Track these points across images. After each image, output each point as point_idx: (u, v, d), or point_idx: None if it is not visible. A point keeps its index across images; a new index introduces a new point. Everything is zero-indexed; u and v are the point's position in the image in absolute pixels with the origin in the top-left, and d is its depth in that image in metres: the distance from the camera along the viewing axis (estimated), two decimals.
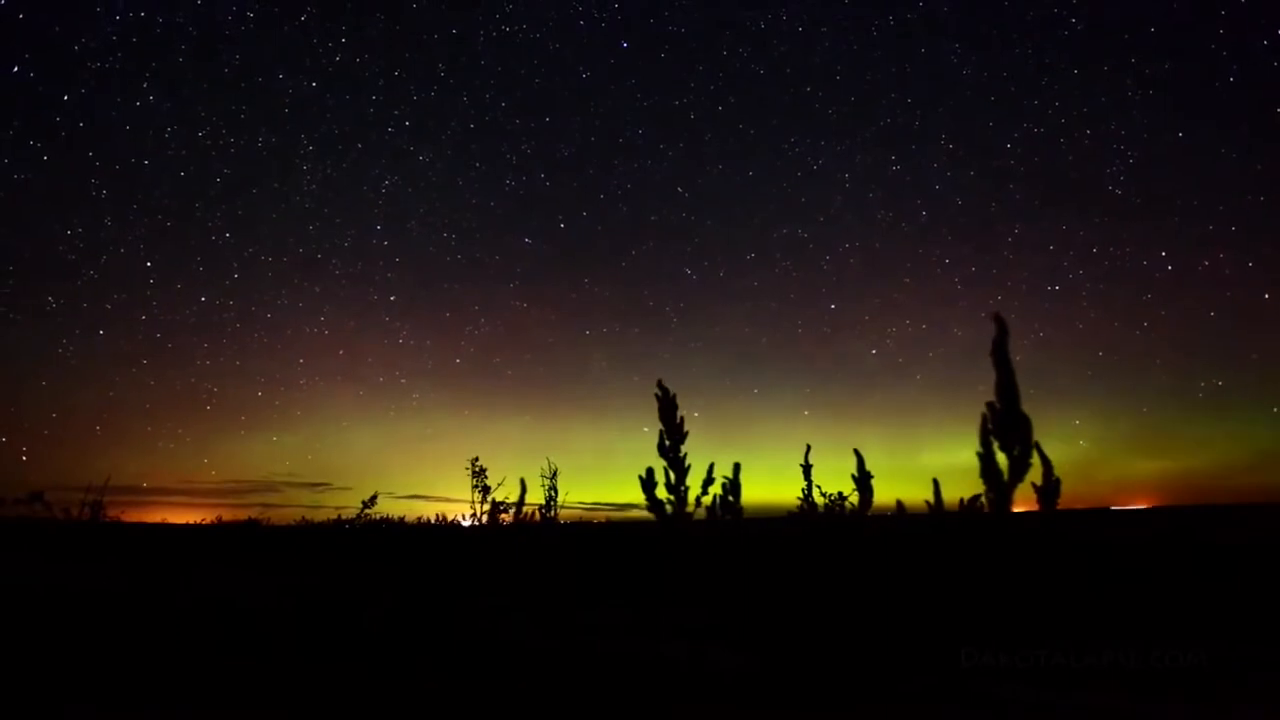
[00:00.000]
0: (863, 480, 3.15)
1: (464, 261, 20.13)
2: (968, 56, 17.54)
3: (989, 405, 1.49)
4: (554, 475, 4.80)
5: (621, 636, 2.36)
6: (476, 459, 4.94)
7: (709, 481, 2.91)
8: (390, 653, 2.12)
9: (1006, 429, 1.47)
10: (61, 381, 17.39)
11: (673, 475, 2.58)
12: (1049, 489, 1.52)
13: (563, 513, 4.74)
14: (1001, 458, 1.48)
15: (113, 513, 5.94)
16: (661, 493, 2.60)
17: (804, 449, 3.64)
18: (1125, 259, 17.49)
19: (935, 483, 2.83)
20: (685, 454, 2.60)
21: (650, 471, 2.63)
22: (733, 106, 19.45)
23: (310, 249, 19.03)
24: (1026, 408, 1.49)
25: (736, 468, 3.24)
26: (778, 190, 19.99)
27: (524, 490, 4.62)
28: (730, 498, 3.14)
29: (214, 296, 18.24)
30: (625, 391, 21.44)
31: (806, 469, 3.64)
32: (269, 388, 19.48)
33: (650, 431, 2.64)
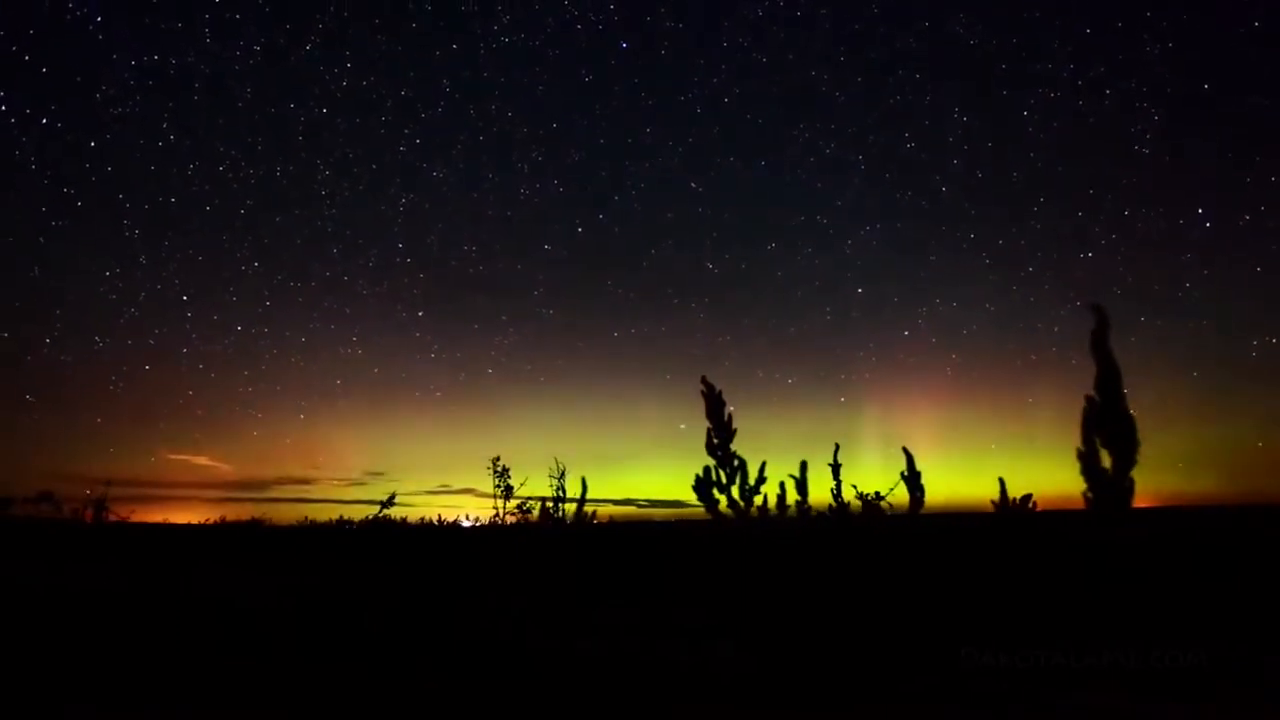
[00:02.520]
0: (912, 479, 3.04)
1: (486, 272, 20.38)
2: (973, 25, 17.26)
3: (1088, 399, 1.42)
4: (562, 475, 4.83)
5: (622, 636, 2.36)
6: (498, 458, 4.97)
7: (761, 480, 2.83)
8: (390, 653, 2.12)
9: (1107, 424, 1.40)
10: (114, 419, 18.11)
11: (723, 474, 2.53)
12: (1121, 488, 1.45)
13: (605, 509, 4.73)
14: (1104, 454, 1.40)
15: (122, 512, 5.96)
16: (716, 493, 2.56)
17: (844, 440, 3.55)
18: (1160, 219, 16.98)
19: (1001, 482, 2.73)
20: (735, 451, 2.55)
21: (708, 470, 2.57)
22: (738, 97, 19.41)
23: (336, 271, 19.48)
24: (1072, 380, 1.43)
25: (803, 466, 3.17)
26: (792, 178, 19.92)
27: (585, 488, 4.61)
28: (800, 497, 3.07)
29: (249, 325, 18.84)
30: (659, 390, 21.46)
31: (835, 468, 3.53)
32: (310, 411, 19.93)
33: (688, 428, 2.64)
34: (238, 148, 17.56)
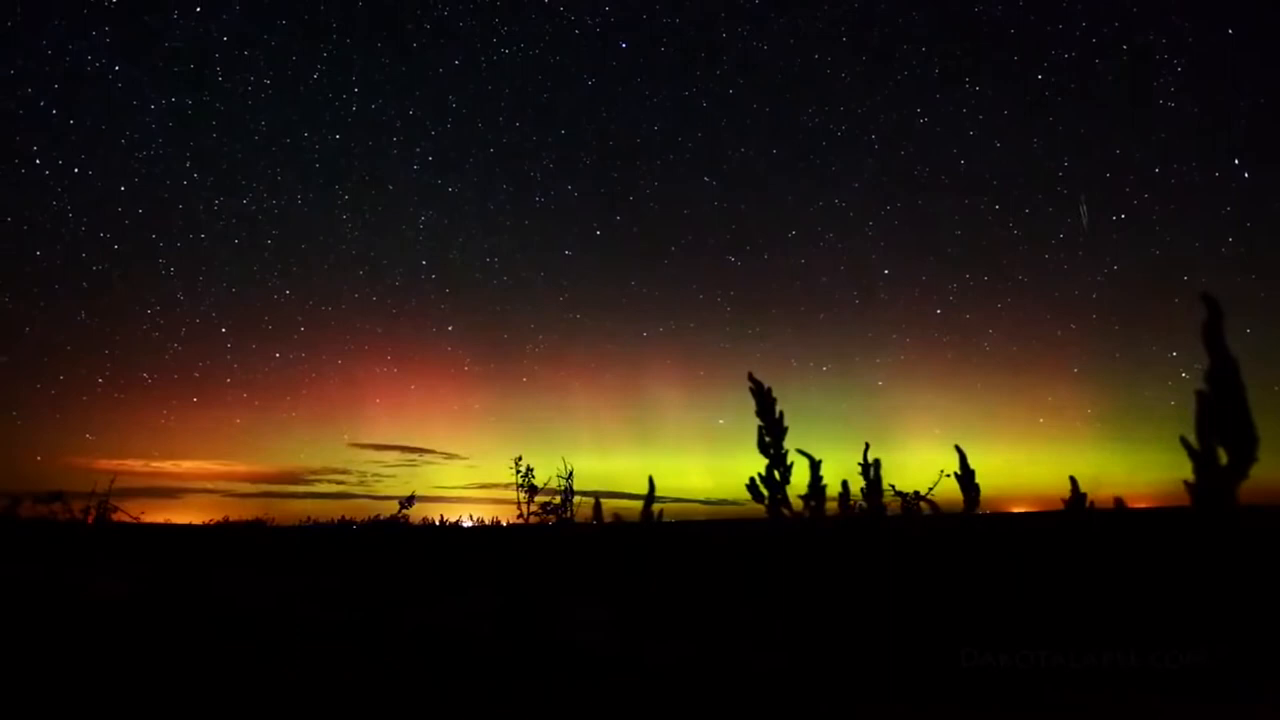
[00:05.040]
0: (966, 478, 2.90)
1: (511, 282, 20.37)
2: None
3: (1199, 394, 1.38)
4: (569, 475, 4.83)
5: (618, 637, 2.37)
6: (520, 458, 4.97)
7: (818, 478, 2.73)
8: (390, 652, 2.13)
9: (1220, 421, 1.36)
10: (168, 453, 18.48)
11: (778, 473, 2.48)
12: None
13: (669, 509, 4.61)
14: (1221, 454, 1.35)
15: (133, 511, 5.94)
16: (771, 493, 2.51)
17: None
18: (1193, 174, 16.03)
19: (1073, 480, 2.60)
20: (787, 450, 2.50)
21: (771, 470, 2.52)
22: (742, 88, 19.19)
23: (365, 292, 19.72)
24: (1121, 352, 1.38)
25: (877, 464, 3.08)
26: (806, 163, 19.50)
27: (652, 487, 4.52)
28: (874, 496, 2.96)
29: (287, 351, 19.09)
30: (694, 386, 21.14)
31: (865, 468, 3.33)
32: (354, 431, 20.13)
33: (726, 424, 2.60)
34: (259, 180, 17.97)
